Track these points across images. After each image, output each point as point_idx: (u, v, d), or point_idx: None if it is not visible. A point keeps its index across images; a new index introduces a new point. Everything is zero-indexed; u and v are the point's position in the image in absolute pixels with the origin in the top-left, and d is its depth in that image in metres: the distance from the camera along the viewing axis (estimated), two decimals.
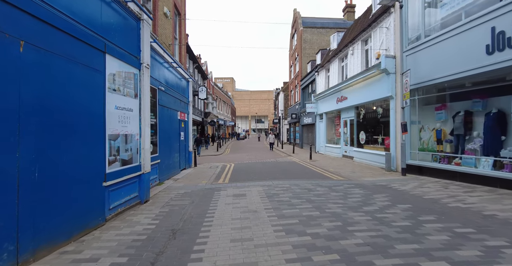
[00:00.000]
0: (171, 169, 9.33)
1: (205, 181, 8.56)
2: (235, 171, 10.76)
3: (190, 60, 24.39)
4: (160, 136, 8.09)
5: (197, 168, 11.92)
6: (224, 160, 15.57)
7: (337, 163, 13.17)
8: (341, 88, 14.77)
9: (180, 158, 10.61)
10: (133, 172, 5.34)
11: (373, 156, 11.64)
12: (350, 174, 9.56)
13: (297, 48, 27.45)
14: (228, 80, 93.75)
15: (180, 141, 10.69)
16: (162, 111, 8.36)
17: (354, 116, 13.94)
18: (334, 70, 16.43)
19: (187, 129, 11.83)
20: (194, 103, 25.84)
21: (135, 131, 5.50)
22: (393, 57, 10.03)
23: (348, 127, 14.81)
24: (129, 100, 5.27)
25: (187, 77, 11.86)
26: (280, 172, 10.36)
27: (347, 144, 14.96)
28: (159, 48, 8.12)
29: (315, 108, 19.42)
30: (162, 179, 8.25)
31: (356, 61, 13.43)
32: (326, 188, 7.01)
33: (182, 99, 10.97)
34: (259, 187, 7.30)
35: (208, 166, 12.87)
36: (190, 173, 10.54)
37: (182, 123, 11.06)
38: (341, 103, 15.08)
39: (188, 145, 11.96)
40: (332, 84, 16.65)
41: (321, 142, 19.01)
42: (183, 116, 11.06)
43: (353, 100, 13.52)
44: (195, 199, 6.10)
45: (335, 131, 17.39)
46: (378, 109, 11.54)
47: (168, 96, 9.08)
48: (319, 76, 19.33)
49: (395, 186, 7.34)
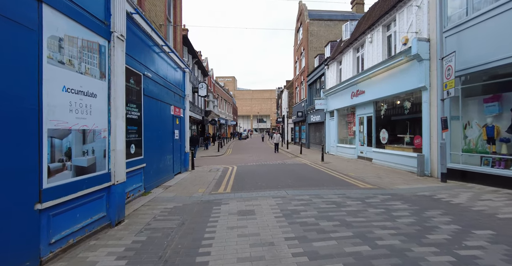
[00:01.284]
0: (162, 174, 7.76)
1: (202, 190, 6.97)
2: (239, 176, 9.17)
3: (190, 54, 22.85)
4: (147, 134, 6.52)
5: (195, 172, 10.34)
6: (225, 162, 14.00)
7: (355, 165, 11.55)
8: (357, 81, 13.15)
9: (174, 161, 9.04)
10: (96, 184, 3.77)
11: (399, 157, 10.02)
12: (376, 180, 7.95)
13: (303, 42, 25.83)
14: (229, 79, 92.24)
15: (174, 141, 9.12)
16: (149, 103, 6.78)
17: (372, 112, 12.32)
18: (348, 62, 14.80)
19: (183, 127, 10.26)
20: (194, 101, 24.28)
21: (101, 126, 3.93)
22: (427, 40, 8.40)
23: (364, 125, 13.19)
24: (91, 81, 3.70)
25: (183, 67, 10.28)
26: (292, 177, 8.76)
27: (364, 143, 13.34)
28: (146, 26, 6.55)
29: (324, 105, 17.80)
30: (149, 187, 6.68)
31: (375, 49, 11.80)
32: (359, 201, 5.41)
33: (176, 92, 9.40)
34: (270, 199, 5.71)
35: (208, 168, 11.29)
36: (186, 178, 8.97)
37: (177, 120, 9.49)
38: (356, 98, 13.46)
39: (184, 145, 10.39)
40: (345, 78, 15.03)
41: (331, 142, 17.39)
42: (178, 112, 9.49)
43: (372, 94, 11.90)
44: (186, 219, 4.52)
45: (348, 130, 15.77)
46: (405, 104, 9.91)
47: (158, 86, 7.51)
48: (329, 70, 17.70)
49: (443, 197, 5.74)
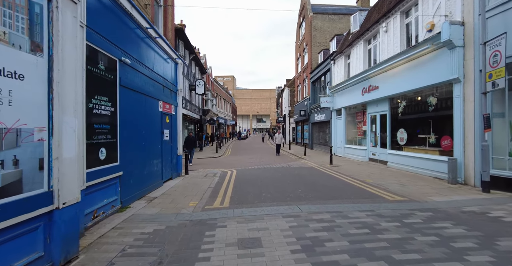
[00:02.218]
0: (146, 183, 6.46)
1: (194, 203, 5.68)
2: (239, 183, 7.88)
3: (186, 49, 21.58)
4: (124, 134, 5.23)
5: (188, 178, 9.04)
6: (224, 164, 12.72)
7: (369, 169, 10.28)
8: (369, 76, 11.89)
9: (163, 165, 7.74)
10: (22, 212, 2.48)
11: (421, 161, 8.76)
12: (402, 189, 6.68)
13: (305, 37, 24.56)
14: (228, 78, 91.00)
15: (164, 142, 7.83)
16: (129, 97, 5.49)
17: (387, 110, 11.05)
18: (358, 56, 13.53)
19: (174, 126, 8.97)
20: (191, 99, 22.98)
21: (34, 124, 2.64)
22: (461, 23, 7.13)
23: (377, 124, 11.92)
24: (11, 53, 2.41)
25: (175, 58, 8.99)
26: (302, 184, 7.48)
27: (376, 144, 12.07)
28: (125, 1, 5.27)
29: (331, 103, 16.52)
30: (127, 200, 5.39)
31: (392, 40, 10.53)
32: (396, 223, 4.13)
33: (166, 86, 8.11)
34: (280, 218, 4.43)
35: (203, 173, 10.00)
36: (177, 185, 7.67)
37: (167, 118, 8.19)
38: (368, 94, 12.19)
39: (176, 146, 9.10)
40: (354, 73, 13.76)
41: (338, 142, 16.11)
42: (168, 109, 8.20)
43: (387, 90, 10.63)
44: (166, 253, 3.23)
45: (357, 130, 14.51)
46: (429, 99, 8.64)
47: (142, 78, 6.22)
48: (336, 65, 16.43)
49: (501, 215, 4.48)
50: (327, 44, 22.71)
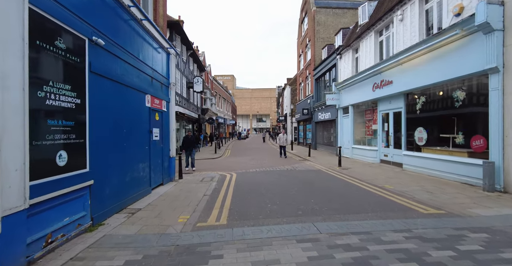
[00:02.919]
0: (129, 192, 5.42)
1: (184, 217, 4.65)
2: (239, 190, 6.83)
3: (184, 45, 20.53)
4: (98, 134, 4.19)
5: (182, 183, 8.00)
6: (222, 167, 11.68)
7: (383, 172, 9.25)
8: (381, 69, 10.85)
9: (152, 170, 6.70)
10: None
11: (446, 164, 7.72)
12: (431, 198, 5.65)
13: (308, 32, 23.52)
14: (228, 77, 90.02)
15: (152, 143, 6.78)
16: (102, 86, 4.44)
17: (402, 107, 10.01)
18: (368, 49, 12.49)
19: (166, 125, 7.92)
20: (188, 97, 21.96)
21: None
22: (500, 2, 6.10)
23: (390, 122, 10.89)
24: None
25: (166, 47, 7.95)
26: (313, 193, 6.43)
27: (389, 145, 11.03)
28: None
29: (337, 100, 15.48)
30: (101, 215, 4.34)
31: (408, 29, 9.49)
32: (450, 251, 3.09)
33: (156, 78, 7.06)
34: (294, 244, 3.38)
35: (200, 177, 8.97)
36: (167, 193, 6.63)
37: (157, 115, 7.14)
38: (380, 90, 11.15)
39: (168, 148, 8.05)
40: (363, 67, 12.72)
41: (345, 143, 15.07)
42: (158, 104, 7.15)
43: (403, 85, 9.60)
44: None
45: (366, 129, 13.48)
46: (456, 94, 7.60)
47: (122, 65, 5.17)
48: (343, 60, 15.39)
49: None
50: (331, 39, 21.67)
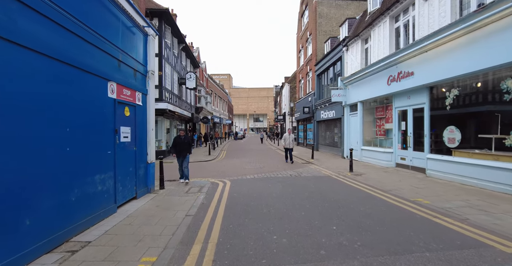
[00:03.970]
0: (76, 216, 3.83)
1: (149, 259, 3.08)
2: (233, 208, 5.27)
3: (175, 37, 18.93)
4: (6, 133, 2.61)
5: (162, 195, 6.42)
6: (215, 172, 10.12)
7: (405, 180, 7.76)
8: (399, 60, 9.37)
9: (118, 182, 5.10)
10: None
11: (490, 171, 6.24)
12: (490, 220, 4.15)
13: (309, 25, 22.02)
14: (225, 76, 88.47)
15: (119, 146, 5.19)
16: (15, 59, 2.86)
17: (425, 102, 8.54)
18: (381, 37, 11.01)
19: (142, 123, 6.33)
20: (181, 94, 20.36)
21: None
22: None
23: (409, 121, 9.42)
24: None
25: (142, 26, 6.36)
26: (333, 213, 4.89)
27: (407, 146, 9.56)
28: None
29: (343, 97, 13.99)
30: (15, 262, 2.76)
31: (436, 9, 8.00)
32: None
33: (126, 62, 5.47)
34: None
35: (186, 187, 7.40)
36: (138, 213, 5.05)
37: (127, 110, 5.55)
38: (397, 84, 9.67)
39: (145, 151, 6.47)
40: (376, 58, 11.23)
41: (352, 144, 13.59)
42: (128, 96, 5.57)
43: (428, 76, 8.12)
44: None
45: (378, 129, 12.01)
46: (505, 84, 6.12)
47: (63, 33, 3.59)
48: (349, 52, 13.90)
49: None
50: (334, 32, 20.22)
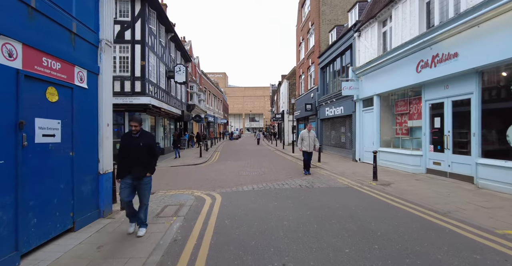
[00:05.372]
0: None
1: None
2: (221, 254, 3.23)
3: (162, 25, 16.78)
4: None
5: (118, 222, 4.33)
6: (204, 179, 8.07)
7: (455, 193, 5.81)
8: (435, 39, 7.44)
9: (24, 211, 3.02)
10: None
11: None
12: None
13: (311, 14, 20.07)
14: (220, 75, 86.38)
15: (32, 151, 3.11)
16: None
17: (475, 91, 6.61)
18: (406, 15, 9.07)
19: (87, 117, 4.25)
20: (169, 89, 18.23)
21: None
22: None
23: (447, 116, 7.50)
24: None
25: None
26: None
27: (443, 148, 7.64)
28: None
29: (355, 90, 12.04)
30: None
31: None
32: None
33: (46, 13, 3.39)
34: None
35: (160, 204, 5.34)
36: (59, 264, 2.98)
37: (52, 92, 3.47)
38: (431, 70, 7.74)
39: (95, 158, 4.38)
40: (400, 41, 9.28)
41: (366, 145, 11.66)
42: (56, 71, 3.49)
43: (480, 56, 6.19)
44: None
45: (398, 127, 10.09)
46: None
47: None
48: (363, 37, 11.95)
49: None
50: (339, 21, 18.32)
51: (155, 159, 3.87)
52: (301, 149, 9.06)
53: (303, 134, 9.12)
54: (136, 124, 3.67)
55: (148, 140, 3.78)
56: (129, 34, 13.55)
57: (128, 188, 3.70)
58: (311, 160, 9.17)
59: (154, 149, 3.80)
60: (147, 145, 3.74)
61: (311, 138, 9.01)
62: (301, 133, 9.22)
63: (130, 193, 3.71)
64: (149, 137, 3.85)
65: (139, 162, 3.69)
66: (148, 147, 3.74)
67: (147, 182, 3.81)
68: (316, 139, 9.15)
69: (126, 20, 13.58)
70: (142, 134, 3.78)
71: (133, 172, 3.69)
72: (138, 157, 3.68)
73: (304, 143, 8.99)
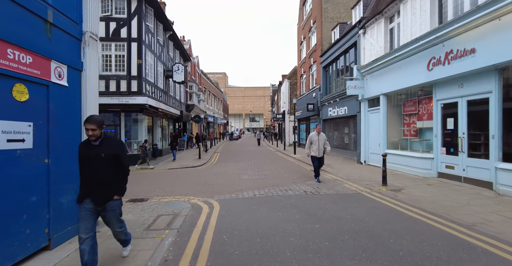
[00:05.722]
0: None
1: None
2: None
3: (159, 22, 16.31)
4: None
5: (102, 237, 3.85)
6: (202, 184, 7.59)
7: (475, 201, 5.31)
8: (449, 34, 6.96)
9: None
10: None
11: None
12: None
13: (313, 12, 19.59)
14: (220, 75, 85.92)
15: None
16: None
17: (494, 90, 6.12)
18: (417, 10, 8.57)
19: (69, 118, 3.77)
20: (167, 89, 17.76)
21: None
22: None
23: (462, 117, 7.01)
24: None
25: None
26: None
27: (457, 151, 7.15)
28: None
29: (360, 89, 11.54)
30: None
31: None
32: None
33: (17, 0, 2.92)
34: None
35: (152, 213, 4.86)
36: None
37: (20, 90, 2.97)
38: (443, 68, 7.25)
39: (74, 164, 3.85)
40: (409, 38, 8.79)
41: (372, 147, 11.17)
42: (27, 66, 3.01)
43: (501, 52, 5.70)
44: None
45: (406, 128, 9.60)
46: None
47: None
48: (368, 35, 11.46)
49: None
50: (342, 18, 17.84)
51: (125, 174, 2.90)
52: (309, 154, 8.03)
53: (311, 137, 8.03)
54: (94, 127, 2.64)
55: (113, 149, 2.78)
56: (125, 31, 13.06)
57: (89, 216, 2.68)
58: (323, 164, 8.15)
59: (122, 160, 2.82)
60: (111, 155, 2.75)
61: (320, 141, 7.95)
62: (309, 136, 8.15)
63: (91, 226, 2.66)
64: (114, 144, 2.85)
65: (100, 181, 2.73)
66: (113, 158, 2.76)
67: (114, 208, 2.83)
68: (326, 141, 8.11)
69: (122, 17, 13.09)
70: (104, 140, 2.79)
71: (93, 194, 2.71)
72: (98, 173, 2.71)
73: (313, 147, 7.91)
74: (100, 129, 2.71)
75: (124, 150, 2.96)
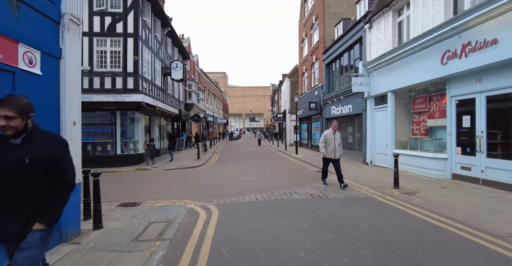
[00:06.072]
0: None
1: None
2: None
3: (157, 18, 15.79)
4: None
5: (82, 251, 3.32)
6: (200, 186, 7.07)
7: (502, 207, 4.79)
8: (467, 25, 6.46)
9: None
10: None
11: None
12: None
13: (316, 9, 19.07)
14: (220, 75, 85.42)
15: None
16: None
17: None
18: (428, 1, 8.04)
19: (44, 112, 3.23)
20: (166, 88, 17.22)
21: None
22: None
23: (480, 114, 6.50)
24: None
25: None
26: None
27: (474, 151, 6.64)
28: None
29: (366, 86, 11.02)
30: None
31: None
32: None
33: None
34: None
35: (143, 220, 4.34)
36: None
37: None
38: (459, 61, 6.73)
39: None
40: (420, 31, 8.26)
41: (379, 146, 10.65)
42: None
43: None
44: None
45: (415, 126, 9.08)
46: None
47: None
48: (375, 29, 10.94)
49: None
50: (345, 15, 17.33)
51: (65, 190, 1.83)
52: (325, 155, 6.92)
53: (327, 136, 6.90)
54: (9, 114, 1.62)
55: (45, 150, 1.74)
56: (121, 26, 12.52)
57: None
58: (340, 170, 6.91)
59: (62, 167, 1.81)
60: (42, 161, 1.72)
61: (336, 140, 6.87)
62: (324, 134, 7.00)
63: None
64: (49, 142, 1.80)
65: (16, 202, 1.68)
66: (45, 165, 1.73)
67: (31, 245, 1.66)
68: (341, 142, 7.15)
69: (117, 12, 12.55)
70: (31, 137, 1.74)
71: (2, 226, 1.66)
72: (15, 190, 1.68)
73: (328, 147, 6.88)
74: (22, 119, 1.67)
75: (65, 150, 1.85)
